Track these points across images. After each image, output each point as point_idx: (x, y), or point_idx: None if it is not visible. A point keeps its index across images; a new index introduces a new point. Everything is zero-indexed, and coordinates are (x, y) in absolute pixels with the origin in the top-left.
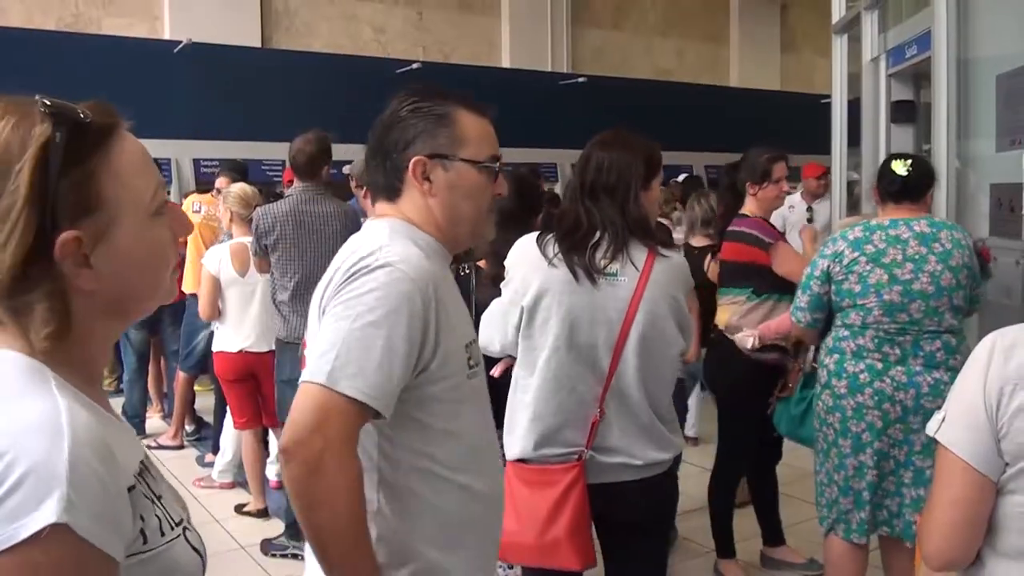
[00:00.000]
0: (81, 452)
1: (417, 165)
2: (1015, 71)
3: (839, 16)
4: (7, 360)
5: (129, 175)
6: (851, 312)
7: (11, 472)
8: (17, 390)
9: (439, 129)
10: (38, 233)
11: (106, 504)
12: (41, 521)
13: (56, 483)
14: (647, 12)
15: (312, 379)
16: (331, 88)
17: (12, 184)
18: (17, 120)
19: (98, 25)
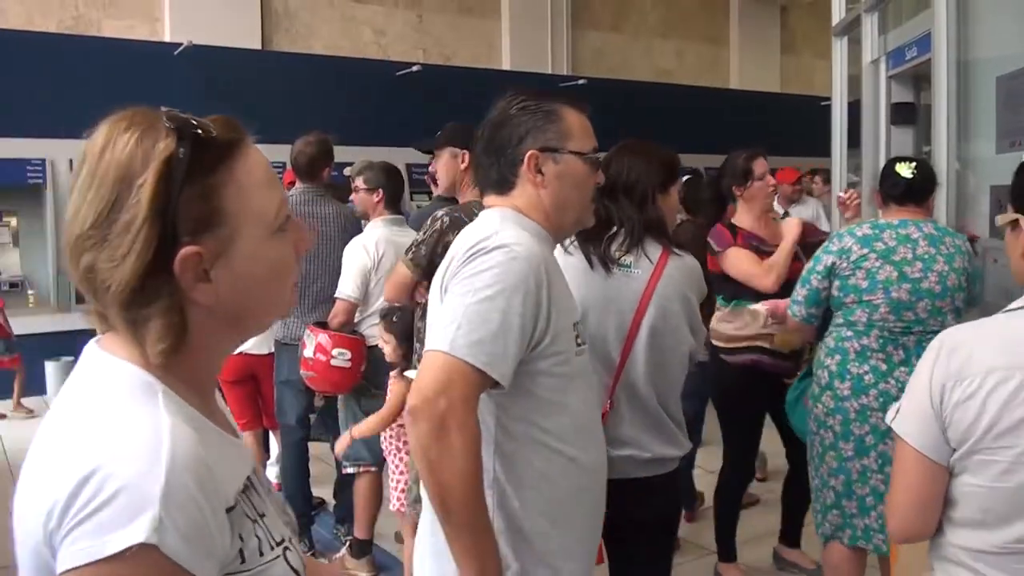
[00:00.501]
0: (178, 474)
1: (531, 158)
2: (1015, 73)
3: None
4: (119, 371)
5: (252, 191)
6: (856, 309)
7: (105, 486)
8: (124, 404)
9: (548, 125)
10: (158, 247)
11: (200, 526)
12: (130, 539)
13: (149, 503)
14: (647, 14)
15: (435, 347)
16: (331, 90)
17: (134, 198)
18: (142, 133)
19: (98, 27)
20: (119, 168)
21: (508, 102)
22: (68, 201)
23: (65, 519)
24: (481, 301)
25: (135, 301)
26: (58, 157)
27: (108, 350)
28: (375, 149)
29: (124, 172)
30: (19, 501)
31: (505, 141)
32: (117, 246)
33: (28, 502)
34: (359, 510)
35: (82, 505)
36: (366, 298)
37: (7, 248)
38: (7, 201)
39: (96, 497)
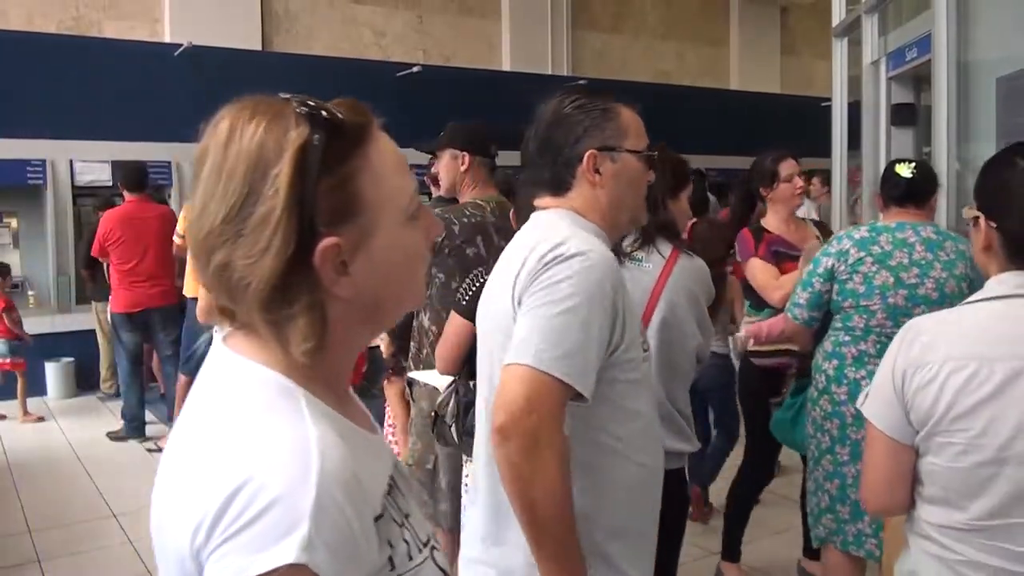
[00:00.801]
0: (328, 488)
1: (590, 158)
2: (1015, 74)
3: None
4: (259, 378)
5: (387, 177)
6: (853, 315)
7: (256, 500)
8: (269, 413)
9: (606, 123)
10: (299, 240)
11: (348, 540)
12: (280, 559)
13: (300, 520)
14: (647, 15)
15: (520, 360)
16: (331, 91)
17: (270, 189)
18: (269, 121)
19: (99, 28)
20: (249, 159)
21: (561, 101)
22: (60, 203)
23: (214, 534)
24: (563, 312)
25: (277, 299)
26: (58, 158)
27: (241, 352)
28: None
29: (256, 163)
30: (161, 513)
31: (561, 141)
32: (255, 241)
33: (172, 514)
34: None
35: (232, 519)
36: None
37: (7, 249)
38: (7, 202)
39: (247, 511)
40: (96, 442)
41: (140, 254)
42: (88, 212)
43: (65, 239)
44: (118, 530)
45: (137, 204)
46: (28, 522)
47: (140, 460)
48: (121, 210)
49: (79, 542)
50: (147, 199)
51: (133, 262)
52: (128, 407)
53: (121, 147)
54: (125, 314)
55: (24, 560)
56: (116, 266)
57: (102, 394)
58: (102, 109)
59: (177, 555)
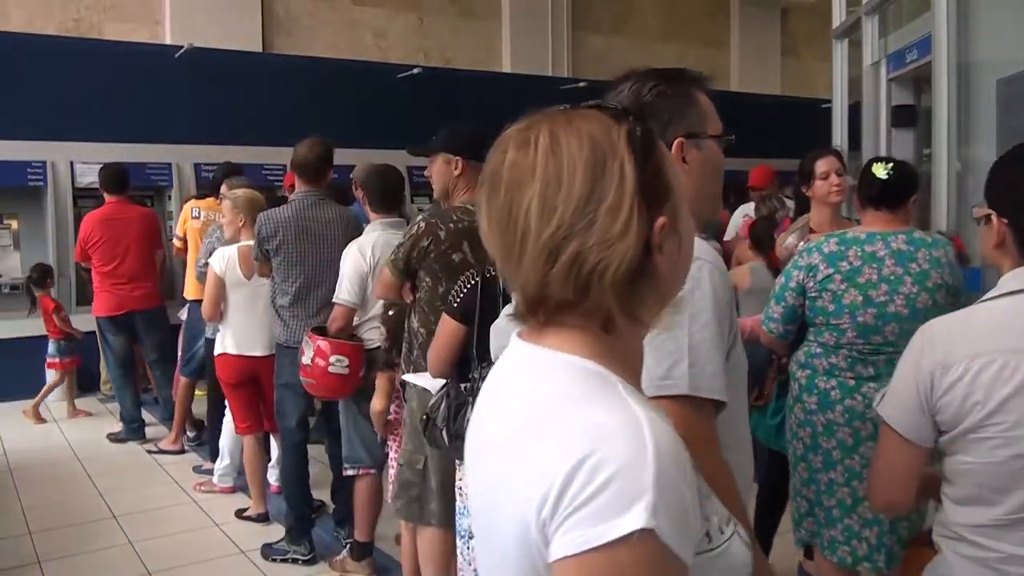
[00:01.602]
0: (663, 462)
1: (678, 147)
2: (1015, 76)
3: (839, 21)
4: (578, 366)
5: (674, 167)
6: (824, 331)
7: (599, 472)
8: (594, 395)
9: (689, 109)
10: (647, 221)
11: (682, 512)
12: (632, 524)
13: (644, 489)
14: (647, 17)
15: (670, 392)
16: (332, 93)
17: (612, 179)
18: (590, 121)
19: (99, 30)
20: (589, 154)
21: (639, 87)
22: (60, 204)
23: (560, 506)
24: (701, 328)
25: (632, 280)
26: (59, 159)
27: (550, 346)
28: (376, 151)
29: (594, 157)
30: (494, 497)
31: None
32: (608, 226)
33: (509, 496)
34: (359, 513)
35: (577, 491)
36: (364, 303)
37: (8, 250)
38: (8, 203)
39: (591, 483)
40: (96, 443)
41: (121, 255)
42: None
43: (65, 240)
44: (118, 531)
45: (117, 205)
46: (28, 523)
47: (140, 462)
48: (100, 212)
49: (79, 543)
50: (127, 200)
51: (114, 263)
52: (124, 410)
53: (121, 148)
54: (109, 317)
55: (24, 562)
56: (97, 268)
57: (102, 395)
58: (103, 111)
59: (518, 532)
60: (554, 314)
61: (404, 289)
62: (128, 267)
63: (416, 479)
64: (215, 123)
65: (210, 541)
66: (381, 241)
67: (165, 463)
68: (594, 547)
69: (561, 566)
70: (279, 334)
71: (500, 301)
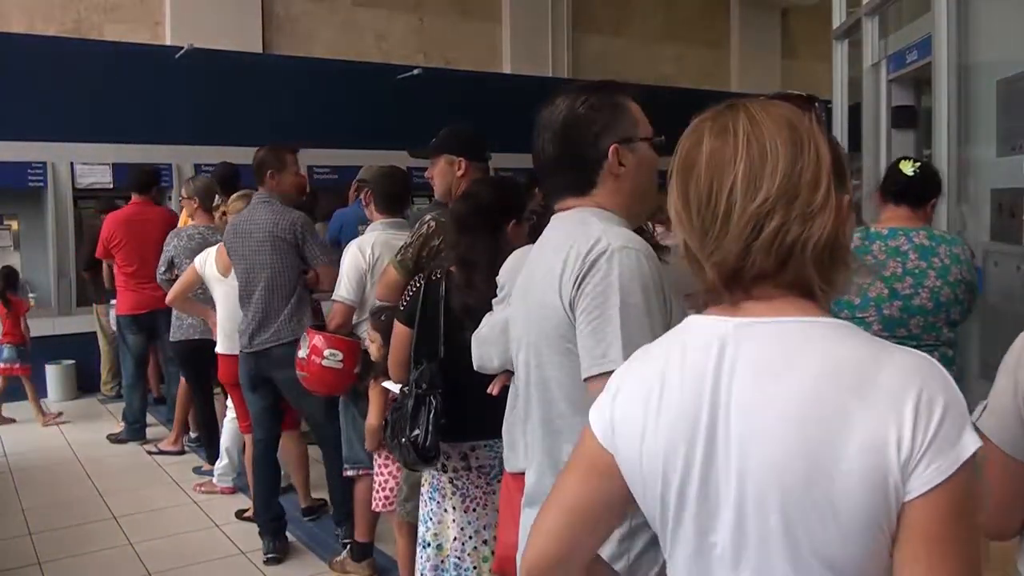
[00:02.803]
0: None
1: (614, 152)
2: (1016, 76)
3: (839, 21)
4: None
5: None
6: None
7: (935, 407)
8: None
9: (620, 116)
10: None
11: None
12: (972, 446)
13: (965, 412)
14: (648, 18)
15: (604, 370)
16: (332, 94)
17: (810, 157)
18: (780, 107)
19: (99, 31)
20: (788, 136)
21: (571, 102)
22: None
23: (916, 444)
24: (632, 308)
25: (829, 254)
26: (59, 160)
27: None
28: (376, 152)
29: (793, 138)
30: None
31: (581, 142)
32: (808, 200)
33: (843, 451)
34: (359, 513)
35: (925, 426)
36: (362, 302)
37: (8, 251)
38: (8, 204)
39: (933, 417)
40: (96, 444)
41: (142, 256)
42: (89, 214)
43: (66, 241)
44: (119, 532)
45: (139, 206)
46: (28, 524)
47: (140, 463)
48: (123, 213)
49: (80, 544)
50: (149, 202)
51: (136, 264)
52: (131, 410)
53: (122, 150)
54: (131, 316)
55: (24, 563)
56: (120, 268)
57: (102, 396)
58: (103, 112)
59: (869, 478)
60: (750, 286)
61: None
62: (151, 267)
63: (416, 482)
64: (215, 124)
65: (210, 542)
66: (381, 240)
67: (165, 464)
68: (953, 472)
69: (929, 498)
70: (286, 331)
71: (442, 304)
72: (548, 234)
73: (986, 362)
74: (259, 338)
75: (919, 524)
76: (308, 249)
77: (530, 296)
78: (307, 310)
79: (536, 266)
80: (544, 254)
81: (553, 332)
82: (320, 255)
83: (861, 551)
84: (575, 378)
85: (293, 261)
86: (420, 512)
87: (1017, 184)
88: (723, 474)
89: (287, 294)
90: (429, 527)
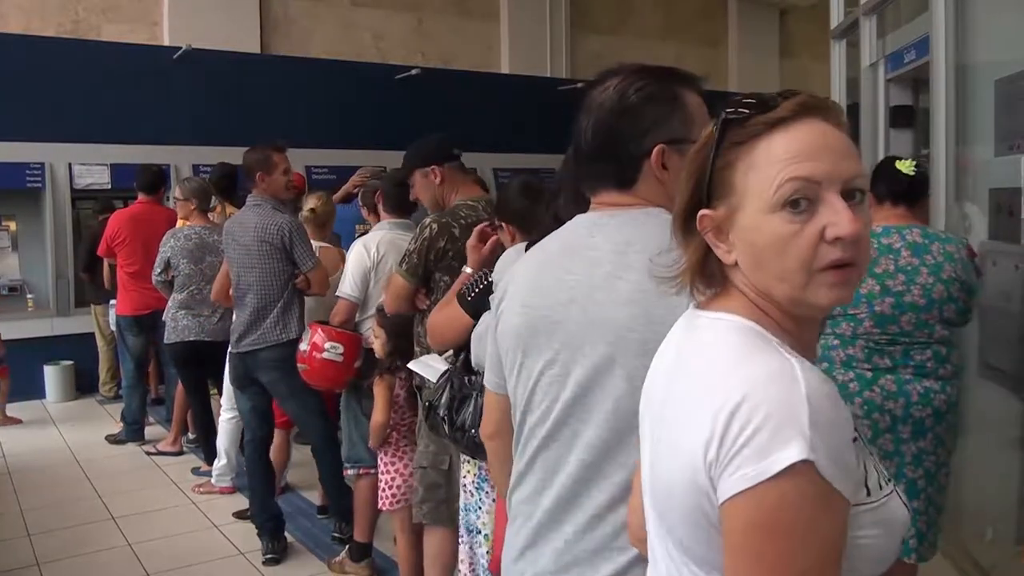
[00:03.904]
0: (817, 402)
1: (658, 153)
2: (1014, 76)
3: (837, 21)
4: (737, 325)
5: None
6: (841, 321)
7: (755, 414)
8: (749, 347)
9: (673, 114)
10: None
11: (839, 448)
12: (791, 457)
13: (800, 425)
14: (646, 17)
15: None
16: (331, 94)
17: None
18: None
19: (97, 31)
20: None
21: (624, 87)
22: (59, 206)
23: (723, 449)
24: None
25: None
26: (57, 161)
27: (714, 309)
28: (375, 152)
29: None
30: (662, 447)
31: (627, 133)
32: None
33: (676, 444)
34: (359, 513)
35: (737, 433)
36: (366, 300)
37: (6, 252)
38: (6, 205)
39: (749, 424)
40: (95, 445)
41: (146, 256)
42: (87, 215)
43: (64, 242)
44: (117, 533)
45: (146, 206)
46: (27, 525)
47: (139, 463)
48: (129, 211)
49: (78, 545)
50: (156, 202)
51: (139, 264)
52: (130, 410)
53: (120, 150)
54: (132, 316)
55: (23, 564)
56: (123, 267)
57: (101, 397)
58: (101, 112)
59: (686, 476)
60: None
61: (419, 297)
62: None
63: (442, 480)
64: (213, 124)
65: (209, 542)
66: (387, 239)
67: (164, 464)
68: (759, 482)
69: (730, 505)
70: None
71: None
72: (607, 232)
73: (985, 362)
74: (246, 340)
75: (725, 530)
76: (297, 253)
77: (592, 307)
78: (296, 313)
79: (595, 271)
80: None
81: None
82: (309, 258)
83: (699, 544)
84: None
85: (281, 265)
86: (463, 502)
87: (1015, 183)
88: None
89: (275, 298)
90: (480, 516)
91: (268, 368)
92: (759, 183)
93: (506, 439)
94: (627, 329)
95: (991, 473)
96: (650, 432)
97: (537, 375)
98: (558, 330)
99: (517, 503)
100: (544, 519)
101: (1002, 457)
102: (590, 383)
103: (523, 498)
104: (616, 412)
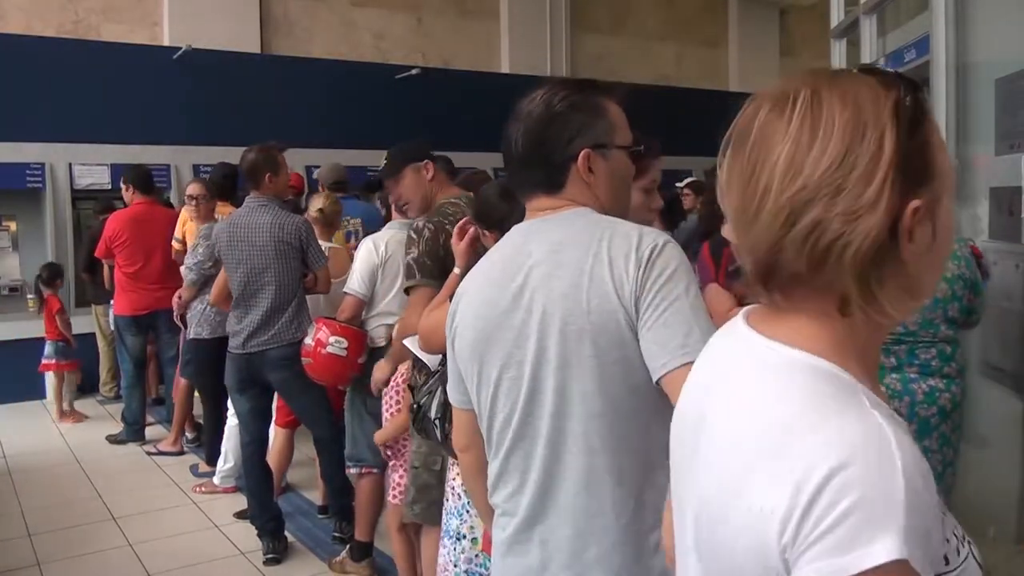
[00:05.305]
0: (912, 480)
1: (584, 157)
2: (1014, 75)
3: (838, 20)
4: (814, 367)
5: (944, 150)
6: None
7: (846, 494)
8: (835, 404)
9: (596, 120)
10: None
11: (928, 533)
12: (885, 555)
13: (896, 514)
14: (646, 17)
15: (689, 360)
16: (331, 94)
17: (871, 145)
18: (857, 82)
19: (98, 31)
20: (849, 115)
21: (549, 97)
22: (59, 206)
23: (802, 531)
24: (696, 297)
25: (875, 262)
26: (57, 161)
27: (779, 337)
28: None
29: (853, 122)
30: (724, 507)
31: (555, 140)
32: (856, 196)
33: (743, 509)
34: (360, 512)
35: (823, 513)
36: (372, 298)
37: (6, 252)
38: (6, 205)
39: (838, 504)
40: (95, 445)
41: (146, 257)
42: (87, 215)
43: (64, 242)
44: (117, 533)
45: (146, 206)
46: (28, 525)
47: (139, 463)
48: (129, 211)
49: (78, 546)
50: (155, 202)
51: (139, 264)
52: (130, 411)
53: (120, 150)
54: (130, 317)
55: (23, 564)
56: (122, 268)
57: (101, 397)
58: (101, 112)
59: (755, 547)
60: (787, 287)
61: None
62: (154, 268)
63: (434, 481)
64: (213, 125)
65: (210, 543)
66: (396, 239)
67: (164, 464)
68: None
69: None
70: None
71: None
72: (541, 236)
73: (986, 361)
74: (256, 339)
75: None
76: (311, 253)
77: (535, 307)
78: (306, 312)
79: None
80: (558, 258)
81: (603, 339)
82: (321, 257)
83: None
84: (604, 388)
85: (296, 264)
86: (447, 506)
87: (1016, 182)
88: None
89: (290, 297)
90: (465, 519)
91: (279, 367)
92: (947, 164)
93: (478, 451)
94: (565, 323)
95: (992, 472)
96: (689, 466)
97: (495, 381)
98: (508, 335)
99: (499, 502)
100: (527, 514)
101: (1003, 456)
102: (542, 378)
103: (505, 496)
104: (564, 402)
